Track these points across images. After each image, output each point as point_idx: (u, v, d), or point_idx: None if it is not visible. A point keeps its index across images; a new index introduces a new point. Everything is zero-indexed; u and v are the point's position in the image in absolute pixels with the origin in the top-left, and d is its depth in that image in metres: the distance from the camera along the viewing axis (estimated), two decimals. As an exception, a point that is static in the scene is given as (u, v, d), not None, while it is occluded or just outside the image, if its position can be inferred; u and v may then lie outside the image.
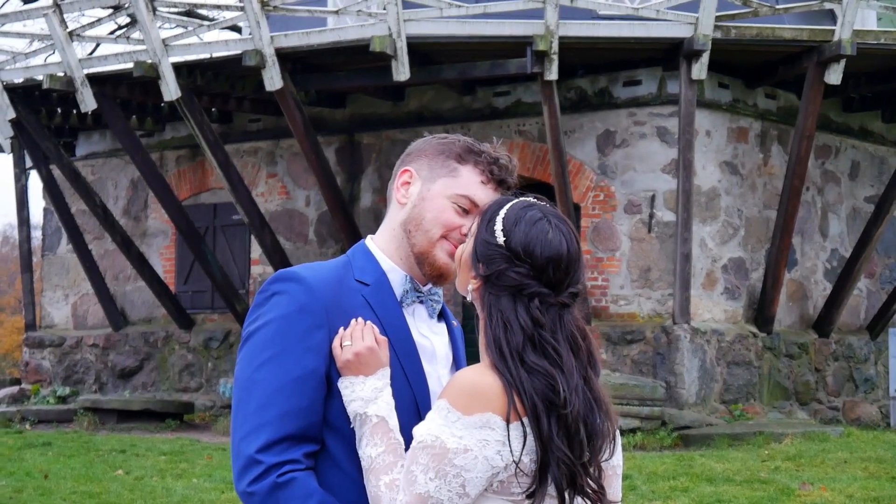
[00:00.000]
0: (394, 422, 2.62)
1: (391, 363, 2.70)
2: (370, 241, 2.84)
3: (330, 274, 2.74)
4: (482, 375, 2.53)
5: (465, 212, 2.77)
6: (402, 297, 2.78)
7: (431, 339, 2.80)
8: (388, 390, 2.65)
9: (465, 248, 2.68)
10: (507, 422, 2.48)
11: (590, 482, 2.55)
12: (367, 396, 2.62)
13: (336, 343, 2.66)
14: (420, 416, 2.67)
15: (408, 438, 2.64)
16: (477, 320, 2.66)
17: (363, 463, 2.59)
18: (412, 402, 2.70)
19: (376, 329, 2.68)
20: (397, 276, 2.78)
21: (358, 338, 2.66)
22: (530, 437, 2.49)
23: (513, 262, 2.58)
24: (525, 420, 2.50)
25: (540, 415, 2.50)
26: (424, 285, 2.81)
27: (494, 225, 2.61)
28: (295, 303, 2.67)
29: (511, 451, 2.48)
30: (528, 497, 2.51)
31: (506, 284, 2.58)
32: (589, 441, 2.54)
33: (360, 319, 2.68)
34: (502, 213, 2.63)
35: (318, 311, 2.67)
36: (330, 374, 2.66)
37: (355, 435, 2.63)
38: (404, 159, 2.86)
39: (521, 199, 2.68)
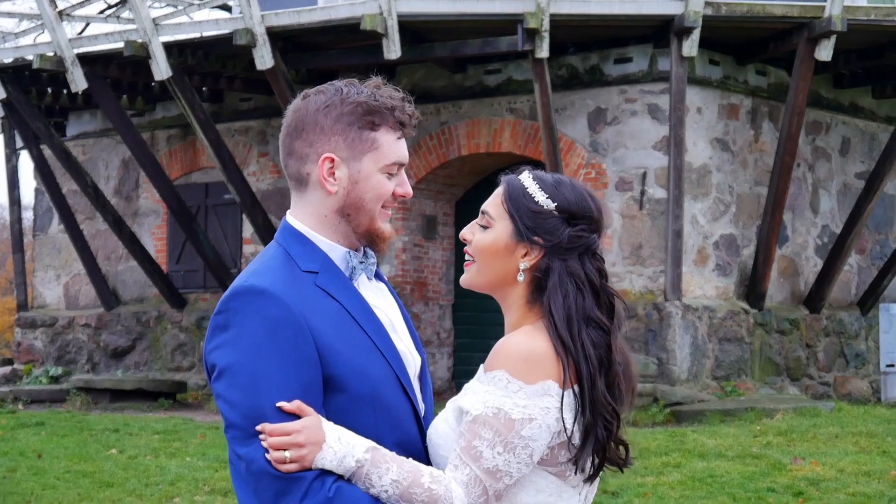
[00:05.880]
0: (374, 444, 2.55)
1: (364, 343, 2.64)
2: (297, 224, 2.74)
3: (283, 273, 2.65)
4: (534, 340, 2.53)
5: (393, 174, 2.74)
6: (350, 273, 2.73)
7: (385, 310, 2.77)
8: (345, 430, 2.54)
9: (490, 236, 2.64)
10: (562, 389, 2.49)
11: (622, 437, 2.59)
12: (344, 451, 2.51)
13: (278, 458, 2.50)
14: (403, 389, 2.66)
15: (399, 414, 2.65)
16: (482, 299, 2.63)
17: (392, 491, 2.49)
18: (393, 377, 2.67)
19: (292, 407, 2.52)
20: (338, 254, 2.73)
21: (287, 440, 2.49)
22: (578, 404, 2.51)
23: (569, 222, 2.60)
24: (576, 388, 2.51)
25: (595, 376, 2.52)
26: (358, 251, 2.76)
27: (534, 196, 2.61)
28: (267, 319, 2.57)
29: (563, 419, 2.49)
30: (574, 463, 2.52)
31: (575, 245, 2.59)
32: (628, 393, 2.60)
33: (265, 428, 2.51)
34: (529, 183, 2.64)
35: (293, 319, 2.57)
36: (325, 373, 2.58)
37: (363, 484, 2.51)
38: (305, 138, 2.69)
39: (525, 168, 2.69)
